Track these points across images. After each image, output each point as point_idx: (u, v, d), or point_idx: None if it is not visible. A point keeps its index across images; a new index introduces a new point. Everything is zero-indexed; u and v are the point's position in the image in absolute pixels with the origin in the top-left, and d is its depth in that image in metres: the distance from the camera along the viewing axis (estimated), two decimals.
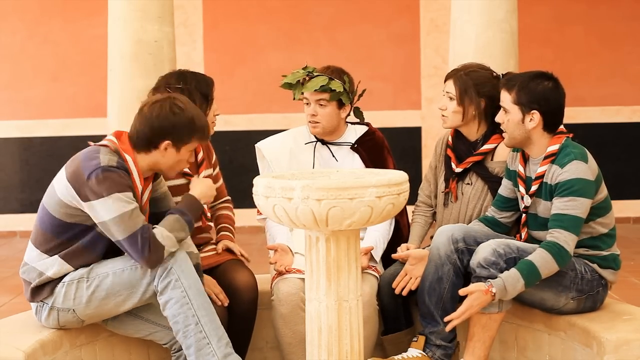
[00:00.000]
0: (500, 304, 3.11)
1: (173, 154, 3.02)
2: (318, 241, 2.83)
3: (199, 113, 3.06)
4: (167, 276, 2.95)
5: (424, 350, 3.28)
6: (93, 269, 3.01)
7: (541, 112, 3.13)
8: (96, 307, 3.02)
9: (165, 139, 2.98)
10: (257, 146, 3.71)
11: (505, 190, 3.36)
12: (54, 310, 3.05)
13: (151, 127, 2.97)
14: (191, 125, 3.00)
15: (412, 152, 7.89)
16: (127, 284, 2.98)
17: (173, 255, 2.97)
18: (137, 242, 2.89)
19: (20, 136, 7.91)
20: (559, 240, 3.03)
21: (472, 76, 3.43)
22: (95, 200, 2.88)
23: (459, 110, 3.43)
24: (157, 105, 2.99)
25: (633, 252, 6.40)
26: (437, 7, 7.85)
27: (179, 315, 2.95)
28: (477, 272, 3.10)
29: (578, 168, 3.08)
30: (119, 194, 2.88)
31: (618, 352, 2.98)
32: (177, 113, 2.97)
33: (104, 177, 2.88)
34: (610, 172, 7.53)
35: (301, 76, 3.54)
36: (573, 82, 7.58)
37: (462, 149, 3.51)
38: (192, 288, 2.96)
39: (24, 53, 7.89)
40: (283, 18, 7.89)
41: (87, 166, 2.91)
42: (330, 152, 3.66)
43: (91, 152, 2.97)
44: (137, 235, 2.88)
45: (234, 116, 7.83)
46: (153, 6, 5.08)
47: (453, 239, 3.24)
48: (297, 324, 3.37)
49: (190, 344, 2.95)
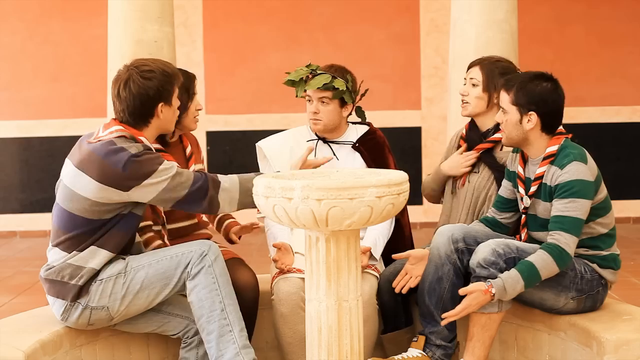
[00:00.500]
0: (500, 304, 3.11)
1: (168, 110, 3.09)
2: (318, 241, 2.83)
3: (164, 63, 3.12)
4: (202, 262, 3.02)
5: (424, 350, 3.28)
6: (129, 263, 3.05)
7: (539, 114, 3.13)
8: (130, 302, 3.04)
9: (158, 103, 3.04)
10: (257, 145, 3.72)
11: (505, 191, 3.36)
12: (87, 310, 3.04)
13: (140, 102, 3.01)
14: (168, 77, 3.05)
15: (412, 152, 7.89)
16: (161, 274, 3.03)
17: (207, 244, 3.05)
18: (193, 195, 2.95)
19: (20, 136, 7.91)
20: (560, 242, 3.03)
21: (498, 65, 3.52)
22: (141, 184, 2.92)
23: (483, 96, 3.49)
24: (129, 82, 3.01)
25: (633, 252, 6.40)
26: (437, 7, 7.85)
27: (207, 300, 3.01)
28: (477, 272, 3.10)
29: (578, 169, 3.07)
30: (159, 166, 2.94)
31: (618, 352, 2.98)
32: (151, 77, 3.01)
33: (139, 161, 2.92)
34: (610, 172, 7.54)
35: (304, 73, 3.57)
36: (573, 82, 7.58)
37: (474, 139, 3.57)
38: (223, 276, 3.04)
39: (24, 53, 7.90)
40: (283, 18, 7.89)
41: (117, 160, 2.92)
42: (331, 151, 3.67)
43: (108, 147, 2.96)
44: (198, 182, 2.96)
45: (234, 116, 7.82)
46: (153, 6, 5.08)
47: (453, 239, 3.24)
48: (297, 324, 3.37)
49: (213, 329, 3.00)
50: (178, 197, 2.97)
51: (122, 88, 3.01)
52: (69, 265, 3.02)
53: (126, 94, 3.00)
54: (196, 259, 3.02)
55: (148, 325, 3.20)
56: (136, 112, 3.02)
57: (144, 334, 3.33)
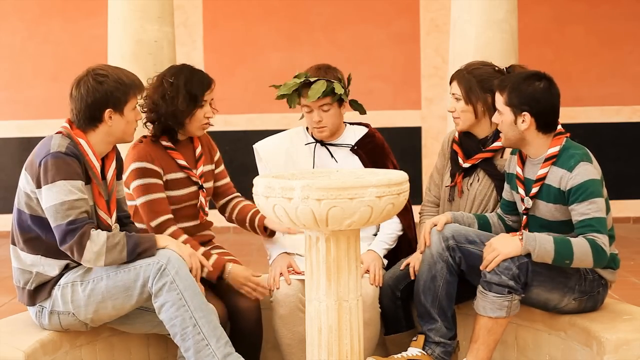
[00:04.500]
0: (509, 309, 3.09)
1: (119, 119, 3.03)
2: (318, 241, 2.82)
3: (123, 71, 3.07)
4: (162, 278, 2.92)
5: (424, 348, 3.28)
6: (87, 271, 3.00)
7: (532, 113, 3.12)
8: (95, 310, 3.00)
9: (105, 108, 3.00)
10: (254, 147, 3.71)
11: (507, 193, 3.36)
12: (54, 315, 3.04)
13: (87, 104, 2.99)
14: (122, 86, 3.01)
15: (412, 152, 7.89)
16: (121, 286, 2.95)
17: (166, 256, 2.94)
18: (62, 232, 2.87)
19: (20, 136, 7.91)
20: (598, 240, 3.00)
21: (475, 73, 3.45)
22: (43, 187, 2.91)
23: (468, 109, 3.44)
24: (82, 83, 3.01)
25: (633, 252, 6.40)
26: (437, 7, 7.85)
27: (176, 318, 2.93)
28: (488, 277, 3.08)
29: (587, 170, 3.07)
30: (64, 181, 2.89)
31: (618, 352, 2.98)
32: (102, 81, 2.99)
33: (52, 163, 2.90)
34: (610, 172, 7.53)
35: (295, 85, 3.49)
36: (573, 82, 7.59)
37: (471, 145, 3.52)
38: (188, 290, 2.93)
39: (24, 53, 7.90)
40: (283, 18, 7.89)
41: (39, 153, 2.95)
42: (329, 153, 3.65)
43: (45, 140, 3.01)
44: (64, 226, 2.86)
45: (234, 116, 7.83)
46: (153, 6, 5.09)
47: (443, 237, 3.24)
48: (296, 325, 3.37)
49: (189, 346, 2.93)
50: (54, 224, 2.89)
51: (75, 88, 3.02)
52: (18, 270, 3.06)
53: (77, 94, 3.00)
54: (155, 273, 2.92)
55: (146, 326, 3.19)
56: (82, 113, 3.00)
57: (144, 334, 3.33)
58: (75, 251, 2.88)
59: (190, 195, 3.44)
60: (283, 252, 3.51)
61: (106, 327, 3.19)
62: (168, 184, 3.39)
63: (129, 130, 3.08)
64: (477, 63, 3.54)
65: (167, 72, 3.41)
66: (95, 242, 2.87)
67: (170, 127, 3.39)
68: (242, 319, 3.31)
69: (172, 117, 3.34)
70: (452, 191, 3.53)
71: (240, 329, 3.33)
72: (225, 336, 2.99)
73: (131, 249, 2.93)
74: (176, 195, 3.40)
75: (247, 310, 3.32)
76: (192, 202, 3.45)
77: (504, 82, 3.17)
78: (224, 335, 2.99)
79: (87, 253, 2.87)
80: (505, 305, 3.07)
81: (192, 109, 3.35)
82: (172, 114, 3.33)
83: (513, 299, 3.07)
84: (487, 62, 3.56)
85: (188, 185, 3.44)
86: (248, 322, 3.31)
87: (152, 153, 3.36)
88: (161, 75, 3.41)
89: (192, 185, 3.44)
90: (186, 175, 3.42)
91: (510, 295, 3.06)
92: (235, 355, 2.97)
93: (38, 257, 3.01)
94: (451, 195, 3.53)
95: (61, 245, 2.90)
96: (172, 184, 3.40)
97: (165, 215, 3.32)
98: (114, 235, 2.92)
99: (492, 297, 3.07)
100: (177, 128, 3.39)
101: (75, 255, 2.90)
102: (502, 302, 3.07)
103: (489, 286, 3.07)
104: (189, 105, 3.33)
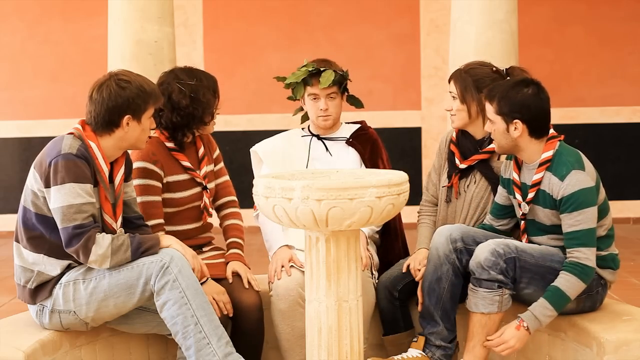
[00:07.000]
0: (500, 304, 3.11)
1: (135, 126, 3.04)
2: (318, 241, 2.82)
3: (145, 79, 3.09)
4: (164, 276, 2.93)
5: (424, 350, 3.29)
6: (89, 269, 3.01)
7: (523, 120, 3.12)
8: (97, 309, 3.01)
9: (125, 114, 3.01)
10: (252, 150, 3.73)
11: (500, 198, 3.36)
12: (55, 313, 3.04)
13: (107, 108, 3.00)
14: (143, 94, 3.03)
15: (412, 152, 7.89)
16: (123, 284, 2.96)
17: (169, 255, 2.96)
18: (68, 235, 2.89)
19: (20, 136, 7.91)
20: (580, 259, 3.05)
21: (471, 73, 3.46)
22: (52, 187, 2.91)
23: (463, 108, 3.45)
24: (104, 86, 3.01)
25: (633, 253, 6.39)
26: (437, 7, 7.85)
27: (178, 316, 2.94)
28: (477, 273, 3.10)
29: (578, 179, 3.07)
30: (73, 184, 2.90)
31: (618, 352, 2.98)
32: (125, 87, 3.00)
33: (62, 165, 2.91)
34: (610, 172, 7.56)
35: (304, 74, 3.58)
36: (573, 82, 7.59)
37: (468, 146, 3.52)
38: (190, 288, 2.94)
39: (24, 53, 7.90)
40: (283, 18, 7.89)
41: (50, 153, 2.95)
42: (324, 147, 3.68)
43: (57, 140, 3.01)
44: (70, 229, 2.88)
45: (233, 116, 7.83)
46: (153, 6, 5.09)
47: (451, 238, 3.24)
48: (295, 320, 3.36)
49: (190, 344, 2.94)
50: (61, 226, 2.91)
51: (96, 91, 3.02)
52: (20, 267, 3.07)
53: (98, 97, 3.01)
54: (158, 271, 2.93)
55: (146, 326, 3.19)
56: (101, 117, 3.01)
57: (144, 334, 3.33)
58: (81, 254, 2.91)
59: (193, 197, 3.44)
60: (284, 245, 3.52)
61: (106, 327, 3.19)
62: (171, 186, 3.39)
63: (143, 138, 3.10)
64: (476, 63, 3.55)
65: (181, 76, 3.39)
66: (100, 245, 2.90)
67: (181, 129, 3.38)
68: (243, 318, 3.31)
69: (201, 114, 3.37)
70: (449, 192, 3.53)
71: (241, 328, 3.33)
72: (227, 336, 3.00)
73: (135, 248, 2.95)
74: (180, 197, 3.41)
75: (248, 310, 3.32)
76: (195, 203, 3.45)
77: (493, 92, 3.18)
78: (225, 334, 2.99)
79: (93, 256, 2.91)
80: (496, 300, 3.09)
81: (214, 104, 3.41)
82: (202, 111, 3.36)
83: (504, 293, 3.10)
84: (486, 62, 3.57)
85: (192, 186, 3.44)
86: (249, 322, 3.31)
87: (156, 153, 3.37)
88: (173, 79, 3.39)
89: (196, 187, 3.45)
90: (190, 176, 3.42)
91: (501, 290, 3.09)
92: (236, 355, 2.98)
93: (40, 256, 3.02)
94: (448, 196, 3.53)
95: (67, 247, 2.92)
96: (176, 186, 3.40)
97: (156, 220, 3.34)
98: (118, 237, 2.94)
99: (482, 293, 3.10)
100: (198, 127, 3.40)
101: (81, 258, 2.93)
102: (493, 297, 3.09)
103: (479, 282, 3.10)
104: (211, 102, 3.38)
